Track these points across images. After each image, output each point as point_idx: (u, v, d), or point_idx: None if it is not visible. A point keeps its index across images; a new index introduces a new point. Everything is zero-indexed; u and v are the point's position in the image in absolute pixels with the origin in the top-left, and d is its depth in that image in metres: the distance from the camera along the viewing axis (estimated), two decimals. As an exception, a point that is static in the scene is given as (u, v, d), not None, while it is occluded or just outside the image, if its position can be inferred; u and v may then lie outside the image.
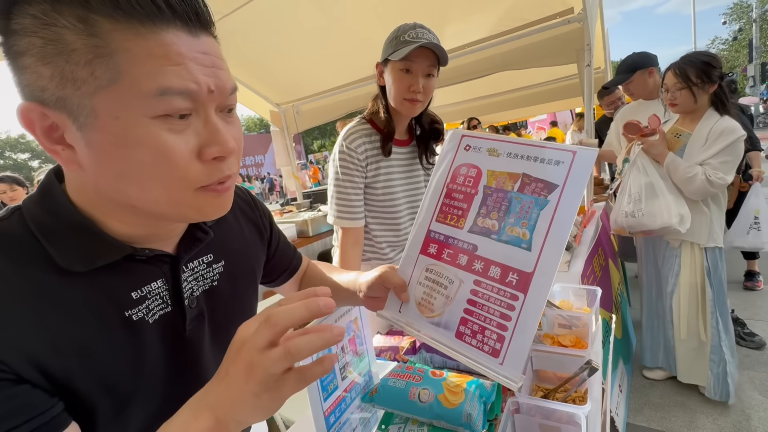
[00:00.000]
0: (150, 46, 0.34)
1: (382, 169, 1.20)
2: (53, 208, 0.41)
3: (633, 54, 2.25)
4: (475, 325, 0.52)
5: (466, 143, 0.61)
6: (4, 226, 0.40)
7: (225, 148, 0.39)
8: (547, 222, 0.51)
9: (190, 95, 0.37)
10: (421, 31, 1.06)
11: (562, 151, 0.53)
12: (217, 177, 0.40)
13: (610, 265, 2.10)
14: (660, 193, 1.71)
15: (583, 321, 0.97)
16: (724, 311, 1.80)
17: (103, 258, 0.41)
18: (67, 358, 0.38)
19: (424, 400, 0.63)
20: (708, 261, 1.78)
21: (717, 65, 1.64)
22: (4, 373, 0.35)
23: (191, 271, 0.51)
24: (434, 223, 0.60)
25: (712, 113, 1.67)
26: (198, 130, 0.39)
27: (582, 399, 0.73)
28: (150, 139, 0.36)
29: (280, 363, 0.33)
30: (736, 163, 1.63)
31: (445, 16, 2.38)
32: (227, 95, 0.41)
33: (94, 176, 0.38)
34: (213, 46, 0.40)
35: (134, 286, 0.44)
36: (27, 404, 0.35)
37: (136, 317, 0.44)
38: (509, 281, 0.51)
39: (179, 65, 0.36)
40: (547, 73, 4.17)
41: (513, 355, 0.49)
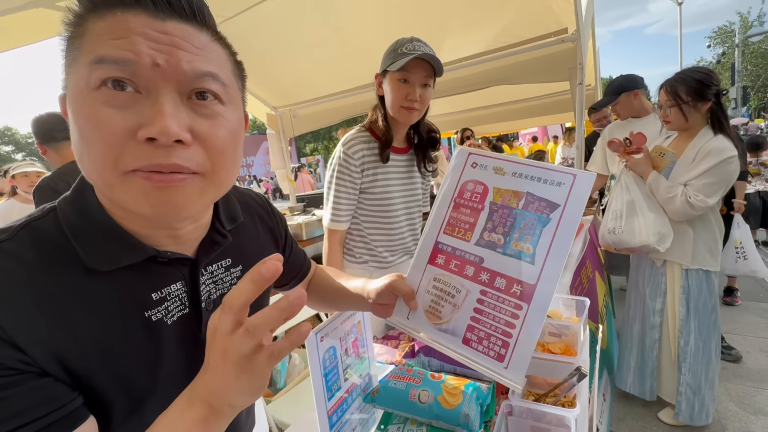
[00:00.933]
0: (105, 24, 0.37)
1: (380, 175, 1.25)
2: (84, 208, 0.43)
3: (619, 77, 2.36)
4: (481, 332, 0.55)
5: (473, 161, 0.64)
6: (39, 225, 0.42)
7: (158, 129, 0.35)
8: (550, 238, 0.55)
9: (127, 65, 0.36)
10: (418, 44, 1.11)
11: (563, 174, 0.57)
12: (146, 162, 0.36)
13: (596, 277, 2.17)
14: (640, 211, 1.70)
15: (573, 330, 1.02)
16: (704, 336, 1.73)
17: (128, 258, 0.43)
18: (90, 356, 0.40)
19: (424, 401, 0.66)
20: (687, 282, 1.72)
21: (711, 83, 1.58)
22: (29, 366, 0.36)
23: (210, 274, 0.52)
24: (442, 234, 0.63)
25: (706, 131, 1.61)
26: (143, 109, 0.36)
27: (571, 403, 0.77)
28: (87, 109, 0.36)
29: (245, 342, 0.33)
30: (722, 186, 1.55)
31: (444, 30, 2.44)
32: (188, 77, 0.38)
33: (76, 158, 0.40)
34: (183, 31, 0.39)
35: (154, 288, 0.45)
36: (49, 397, 0.36)
37: (156, 318, 0.45)
38: (514, 292, 0.54)
39: (122, 38, 0.36)
40: (540, 88, 4.27)
41: (517, 360, 0.52)
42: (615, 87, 2.31)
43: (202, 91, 0.40)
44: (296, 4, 2.34)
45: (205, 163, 0.40)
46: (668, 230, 1.67)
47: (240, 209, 0.59)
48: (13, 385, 0.35)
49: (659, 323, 1.84)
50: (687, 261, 1.70)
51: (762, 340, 2.55)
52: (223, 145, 0.41)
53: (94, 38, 0.37)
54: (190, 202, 0.40)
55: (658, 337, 1.85)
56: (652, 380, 1.89)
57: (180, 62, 0.38)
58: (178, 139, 0.37)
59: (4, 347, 0.35)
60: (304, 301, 0.34)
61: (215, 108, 0.41)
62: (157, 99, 0.37)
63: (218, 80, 0.41)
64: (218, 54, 0.42)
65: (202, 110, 0.40)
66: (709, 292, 1.71)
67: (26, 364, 0.36)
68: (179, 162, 0.38)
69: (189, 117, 0.39)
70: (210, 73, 0.40)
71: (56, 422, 0.36)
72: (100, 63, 0.36)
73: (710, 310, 1.73)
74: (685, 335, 1.75)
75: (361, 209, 1.28)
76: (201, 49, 0.40)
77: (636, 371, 1.94)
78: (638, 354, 1.92)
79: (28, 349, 0.36)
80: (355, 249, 1.34)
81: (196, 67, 0.39)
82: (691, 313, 1.73)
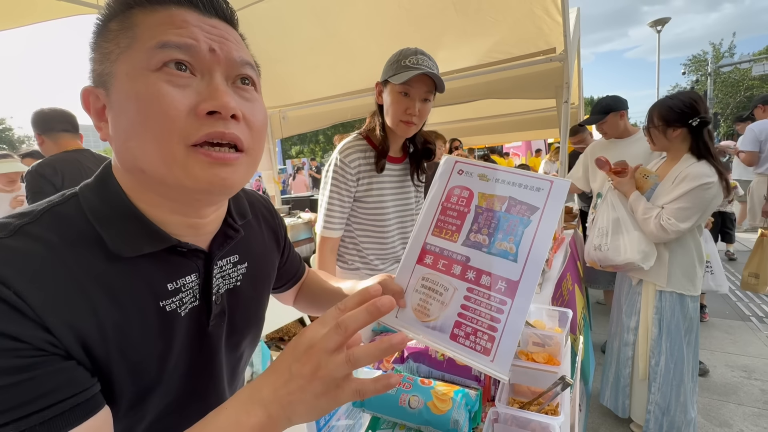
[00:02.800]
0: (160, 17, 0.41)
1: (375, 184, 1.25)
2: (107, 195, 0.44)
3: (606, 97, 2.43)
4: (468, 327, 0.57)
5: (459, 168, 0.68)
6: (61, 209, 0.42)
7: (220, 103, 0.40)
8: (530, 238, 0.59)
9: (188, 49, 0.40)
10: (422, 57, 1.12)
11: (541, 180, 0.62)
12: (209, 129, 0.40)
13: (576, 289, 2.23)
14: (625, 229, 1.74)
15: (555, 340, 1.04)
16: (676, 357, 1.73)
17: (150, 246, 0.43)
18: (109, 341, 0.40)
19: (413, 407, 0.67)
20: (660, 303, 1.74)
21: (687, 109, 1.57)
22: (55, 348, 0.36)
23: (220, 268, 0.53)
24: (430, 236, 0.65)
25: (689, 157, 1.61)
26: (200, 89, 0.40)
27: (554, 411, 0.79)
28: (149, 88, 0.39)
29: (343, 368, 0.35)
30: (696, 211, 1.55)
31: (438, 42, 2.49)
32: (236, 63, 0.43)
33: (114, 143, 0.42)
34: (226, 27, 0.45)
35: (171, 278, 0.46)
36: (73, 380, 0.36)
37: (170, 308, 0.46)
38: (498, 288, 0.58)
39: (182, 28, 0.41)
40: (525, 104, 4.40)
41: (502, 353, 0.54)
42: (603, 106, 2.39)
43: (243, 77, 0.45)
44: (292, 7, 2.35)
45: (249, 140, 0.44)
46: (652, 249, 1.70)
47: (248, 207, 0.60)
48: (40, 366, 0.34)
49: (633, 341, 1.86)
50: (662, 283, 1.72)
51: (727, 356, 2.67)
52: (261, 126, 0.46)
53: (152, 27, 0.40)
54: (240, 179, 0.44)
55: (632, 354, 1.87)
56: (625, 397, 1.92)
57: (231, 50, 0.43)
58: (233, 115, 0.41)
59: (34, 327, 0.35)
60: (405, 345, 0.38)
61: (253, 93, 0.46)
62: (212, 80, 0.41)
63: (254, 69, 0.47)
64: (247, 50, 0.48)
65: (244, 94, 0.45)
66: (683, 315, 1.72)
67: (53, 345, 0.36)
68: (236, 132, 0.42)
69: (236, 99, 0.43)
70: (249, 62, 0.46)
71: (78, 406, 0.36)
72: (163, 47, 0.39)
73: (684, 333, 1.73)
74: (656, 355, 1.77)
75: (355, 217, 1.29)
76: (239, 43, 0.46)
77: (612, 386, 1.98)
78: (615, 370, 1.97)
79: (55, 331, 0.36)
80: (347, 255, 1.34)
81: (241, 56, 0.44)
82: (663, 334, 1.74)
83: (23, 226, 0.39)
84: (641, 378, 1.83)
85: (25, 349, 0.34)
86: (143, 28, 0.40)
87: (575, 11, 3.17)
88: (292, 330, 2.10)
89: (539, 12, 2.11)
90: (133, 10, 0.41)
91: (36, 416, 0.33)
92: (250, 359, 0.67)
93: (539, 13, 2.12)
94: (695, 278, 1.71)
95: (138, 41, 0.40)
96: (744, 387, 2.32)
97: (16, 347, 0.33)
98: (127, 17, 0.41)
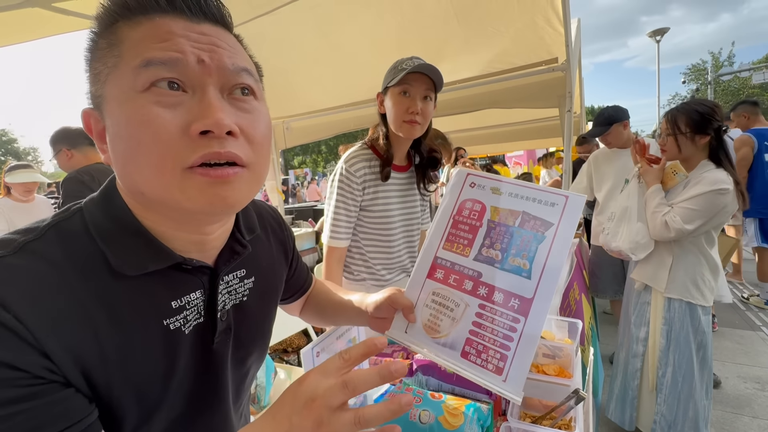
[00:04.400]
0: (144, 29, 0.38)
1: (381, 193, 1.25)
2: (112, 211, 0.43)
3: (609, 108, 2.44)
4: (479, 345, 0.56)
5: (471, 181, 0.67)
6: (66, 225, 0.41)
7: (212, 121, 0.37)
8: (545, 255, 0.57)
9: (175, 65, 0.37)
10: (418, 60, 1.14)
11: (556, 195, 0.60)
12: (204, 151, 0.37)
13: (583, 299, 2.20)
14: (630, 218, 1.72)
15: (566, 351, 1.02)
16: (684, 370, 1.68)
17: (154, 264, 0.42)
18: (111, 363, 0.38)
19: (424, 421, 0.65)
20: (669, 313, 1.69)
21: (713, 117, 1.56)
22: (53, 375, 0.34)
23: (226, 284, 0.52)
24: (441, 250, 0.64)
25: (707, 163, 1.60)
26: (191, 106, 0.38)
27: (568, 426, 0.77)
28: (138, 111, 0.37)
29: (349, 428, 0.34)
30: (703, 214, 1.54)
31: (440, 53, 2.51)
32: (229, 72, 0.40)
33: (114, 166, 0.41)
34: (217, 32, 0.41)
35: (175, 295, 0.45)
36: (69, 410, 0.35)
37: (174, 327, 0.44)
38: (511, 305, 0.56)
39: (166, 41, 0.38)
40: (527, 113, 4.41)
41: (515, 372, 0.53)
42: (606, 117, 2.39)
43: (241, 86, 0.42)
44: (297, 19, 2.38)
45: (250, 155, 0.41)
46: (648, 243, 1.68)
47: (257, 221, 0.59)
48: (36, 396, 0.33)
49: (642, 352, 1.81)
50: (662, 287, 1.69)
51: (739, 366, 2.62)
52: (262, 138, 0.43)
53: (137, 43, 0.38)
54: (242, 196, 0.42)
55: (640, 366, 1.82)
56: (632, 410, 1.87)
57: (222, 58, 0.40)
58: (228, 131, 0.39)
59: (33, 353, 0.33)
60: (404, 374, 0.37)
61: (252, 103, 0.43)
62: (203, 96, 0.39)
63: (252, 75, 0.43)
64: (244, 54, 0.45)
65: (242, 105, 0.42)
66: (693, 327, 1.66)
67: (52, 372, 0.34)
68: (233, 150, 0.39)
69: (232, 112, 0.40)
70: (246, 68, 0.42)
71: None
72: (147, 66, 0.37)
73: (696, 348, 1.67)
74: (663, 366, 1.73)
75: (361, 227, 1.28)
76: (234, 48, 0.43)
77: (618, 399, 1.93)
78: (622, 382, 1.92)
79: (54, 356, 0.34)
80: (353, 266, 1.32)
81: (235, 63, 0.41)
82: (671, 345, 1.70)
83: (27, 243, 0.38)
84: (650, 389, 1.79)
85: (22, 378, 0.32)
86: (128, 44, 0.38)
87: (576, 22, 3.20)
88: (295, 342, 2.08)
89: (541, 22, 2.13)
90: (117, 23, 0.39)
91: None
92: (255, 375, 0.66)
93: (541, 23, 2.13)
94: (704, 287, 1.66)
95: (123, 60, 0.38)
96: (758, 399, 2.26)
97: (13, 376, 0.32)
98: (112, 32, 0.39)
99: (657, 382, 1.75)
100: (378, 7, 2.27)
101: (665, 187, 1.71)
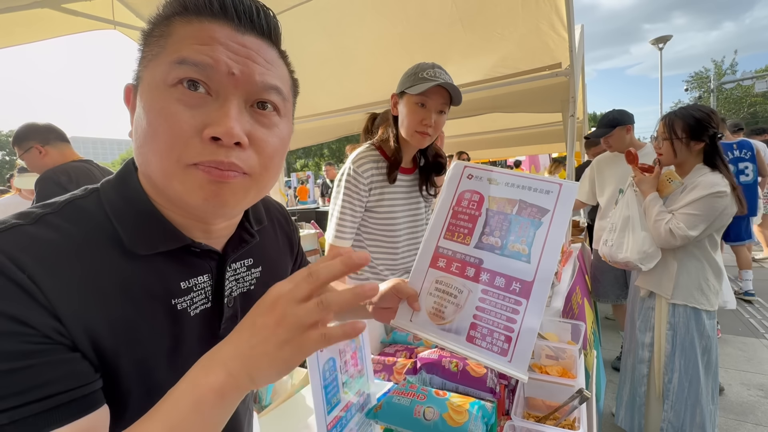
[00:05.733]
0: (192, 29, 0.40)
1: (387, 195, 1.25)
2: (127, 193, 0.44)
3: (614, 111, 2.44)
4: (484, 328, 0.57)
5: (468, 173, 0.69)
6: (83, 203, 0.43)
7: (223, 129, 0.38)
8: (542, 239, 0.60)
9: (205, 69, 0.39)
10: (440, 71, 1.15)
11: (550, 183, 0.63)
12: (208, 157, 0.39)
13: (585, 303, 2.20)
14: (633, 228, 1.71)
15: (569, 353, 1.02)
16: (690, 375, 1.67)
17: (164, 245, 0.44)
18: (118, 336, 0.40)
19: (429, 418, 0.65)
20: (674, 318, 1.68)
21: (709, 123, 1.58)
22: (62, 337, 0.35)
23: (234, 271, 0.53)
24: (442, 240, 0.66)
25: (701, 167, 1.62)
26: (210, 111, 0.39)
27: (572, 426, 0.77)
28: (160, 102, 0.39)
29: (313, 313, 0.34)
30: (705, 219, 1.54)
31: (445, 57, 2.53)
32: (256, 88, 0.42)
33: (133, 145, 0.42)
34: (259, 46, 0.43)
35: (184, 277, 0.46)
36: (74, 373, 0.36)
37: (181, 307, 0.46)
38: (513, 289, 0.58)
39: (205, 45, 0.40)
40: (530, 118, 4.43)
41: (520, 353, 0.54)
42: (610, 120, 2.39)
43: (264, 101, 0.43)
44: (302, 22, 2.40)
45: (256, 165, 0.43)
46: (655, 252, 1.67)
47: (264, 213, 0.60)
48: (44, 354, 0.34)
49: (648, 358, 1.80)
50: (668, 294, 1.68)
51: (742, 374, 2.60)
52: (273, 152, 0.44)
53: (180, 40, 0.40)
54: (237, 199, 0.43)
55: (647, 372, 1.82)
56: (640, 416, 1.85)
57: (253, 74, 0.41)
58: (237, 141, 0.40)
59: (44, 314, 0.34)
60: (377, 292, 0.36)
61: (273, 119, 0.44)
62: (225, 103, 0.40)
63: (281, 94, 0.44)
64: (282, 71, 0.46)
65: (262, 119, 0.43)
66: (699, 332, 1.65)
67: (60, 334, 0.35)
68: (236, 161, 0.40)
69: (249, 123, 0.42)
70: (275, 87, 0.44)
71: (75, 401, 0.35)
72: (181, 63, 0.39)
73: (701, 352, 1.66)
74: (669, 372, 1.71)
75: (365, 227, 1.28)
76: (270, 64, 0.44)
77: (627, 406, 1.92)
78: (630, 388, 1.91)
79: (65, 320, 0.36)
80: None
81: (265, 80, 0.42)
82: (677, 351, 1.69)
83: (45, 216, 0.39)
84: (657, 396, 1.77)
85: (31, 335, 0.33)
86: (173, 39, 0.40)
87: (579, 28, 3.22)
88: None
89: (545, 28, 2.14)
90: (174, 18, 0.42)
91: (32, 406, 0.33)
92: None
93: (545, 28, 2.15)
94: (710, 292, 1.66)
95: (165, 52, 0.40)
96: (762, 406, 2.25)
97: (23, 332, 0.33)
98: (167, 25, 0.42)
99: (663, 388, 1.73)
100: (383, 11, 2.30)
101: (661, 194, 1.71)
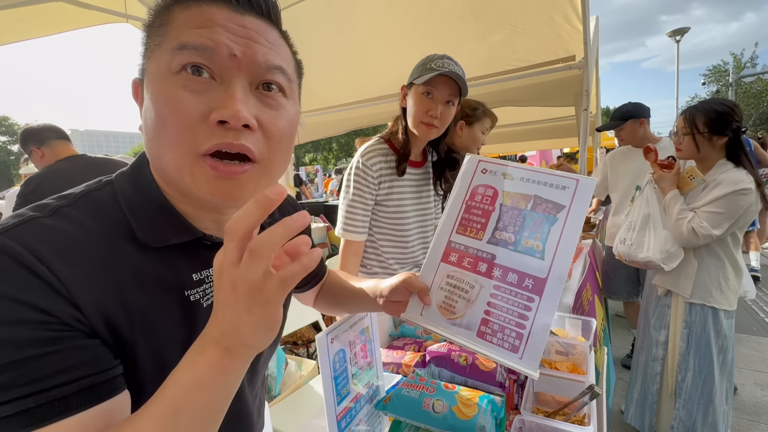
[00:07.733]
0: (190, 14, 0.40)
1: (396, 188, 1.25)
2: (141, 185, 0.45)
3: (628, 103, 2.39)
4: (495, 324, 0.57)
5: (482, 167, 0.68)
6: (97, 195, 0.43)
7: (230, 112, 0.38)
8: (557, 236, 0.58)
9: (206, 52, 0.39)
10: (448, 62, 1.12)
11: (567, 179, 0.62)
12: (217, 140, 0.39)
13: (596, 300, 2.17)
14: (654, 226, 1.67)
15: (579, 349, 1.01)
16: (704, 375, 1.64)
17: (176, 238, 0.44)
18: (135, 325, 0.40)
19: (438, 411, 0.65)
20: (690, 317, 1.65)
21: (732, 118, 1.52)
22: (82, 325, 0.36)
23: None
24: (454, 234, 0.65)
25: (724, 163, 1.57)
26: (216, 95, 0.39)
27: (582, 422, 0.76)
28: (166, 91, 0.39)
29: (253, 267, 0.31)
30: (729, 217, 1.50)
31: (457, 49, 2.48)
32: (260, 69, 0.41)
33: (144, 139, 0.42)
34: (259, 27, 0.42)
35: (196, 268, 0.47)
36: (95, 358, 0.36)
37: (194, 298, 0.46)
38: (526, 285, 0.57)
39: (204, 28, 0.39)
40: (542, 112, 4.36)
41: (531, 350, 0.54)
42: (623, 112, 2.34)
43: (269, 82, 0.42)
44: (312, 15, 2.39)
45: (264, 150, 0.42)
46: (678, 251, 1.62)
47: None
48: (66, 340, 0.35)
49: (662, 356, 1.77)
50: (687, 293, 1.64)
51: (756, 374, 2.56)
52: (281, 135, 0.44)
53: (179, 26, 0.40)
54: (247, 192, 0.42)
55: (660, 370, 1.78)
56: (652, 414, 1.83)
57: (255, 54, 0.41)
58: (245, 124, 0.39)
59: (64, 303, 0.35)
60: (308, 219, 0.34)
61: (279, 100, 0.44)
62: (229, 86, 0.40)
63: (285, 74, 0.44)
64: (285, 51, 0.46)
65: (268, 101, 0.43)
66: (716, 332, 1.62)
67: (80, 322, 0.36)
68: (246, 144, 0.40)
69: (256, 106, 0.41)
70: (279, 66, 0.43)
71: (97, 385, 0.36)
72: (182, 49, 0.39)
73: (717, 352, 1.63)
74: (683, 370, 1.69)
75: (375, 221, 1.28)
76: (273, 44, 0.43)
77: (638, 403, 1.90)
78: (641, 386, 1.88)
79: (84, 308, 0.36)
80: (365, 260, 1.33)
81: (268, 60, 0.42)
82: (692, 349, 1.66)
83: (61, 208, 0.40)
84: (670, 394, 1.75)
85: (52, 323, 0.34)
86: (173, 26, 0.40)
87: (594, 20, 3.15)
88: (305, 334, 2.10)
89: (559, 19, 2.10)
90: (173, 6, 0.41)
91: (55, 391, 0.33)
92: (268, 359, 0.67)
93: (559, 20, 2.11)
94: (729, 291, 1.62)
95: (166, 40, 0.40)
96: (775, 407, 2.21)
97: (45, 320, 0.34)
98: (166, 13, 0.41)
99: (676, 387, 1.71)
100: (394, 2, 2.27)
101: (681, 191, 1.66)
